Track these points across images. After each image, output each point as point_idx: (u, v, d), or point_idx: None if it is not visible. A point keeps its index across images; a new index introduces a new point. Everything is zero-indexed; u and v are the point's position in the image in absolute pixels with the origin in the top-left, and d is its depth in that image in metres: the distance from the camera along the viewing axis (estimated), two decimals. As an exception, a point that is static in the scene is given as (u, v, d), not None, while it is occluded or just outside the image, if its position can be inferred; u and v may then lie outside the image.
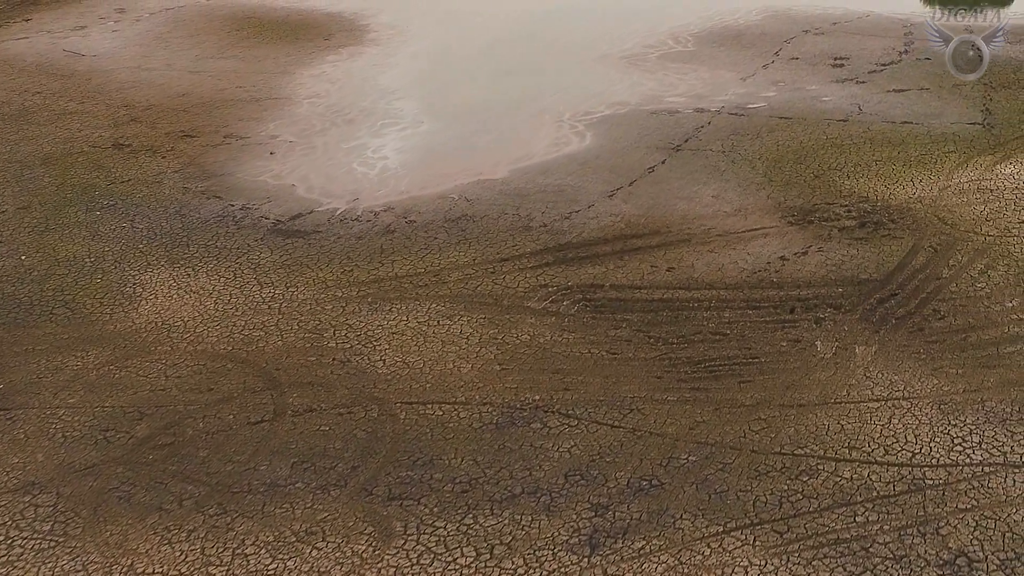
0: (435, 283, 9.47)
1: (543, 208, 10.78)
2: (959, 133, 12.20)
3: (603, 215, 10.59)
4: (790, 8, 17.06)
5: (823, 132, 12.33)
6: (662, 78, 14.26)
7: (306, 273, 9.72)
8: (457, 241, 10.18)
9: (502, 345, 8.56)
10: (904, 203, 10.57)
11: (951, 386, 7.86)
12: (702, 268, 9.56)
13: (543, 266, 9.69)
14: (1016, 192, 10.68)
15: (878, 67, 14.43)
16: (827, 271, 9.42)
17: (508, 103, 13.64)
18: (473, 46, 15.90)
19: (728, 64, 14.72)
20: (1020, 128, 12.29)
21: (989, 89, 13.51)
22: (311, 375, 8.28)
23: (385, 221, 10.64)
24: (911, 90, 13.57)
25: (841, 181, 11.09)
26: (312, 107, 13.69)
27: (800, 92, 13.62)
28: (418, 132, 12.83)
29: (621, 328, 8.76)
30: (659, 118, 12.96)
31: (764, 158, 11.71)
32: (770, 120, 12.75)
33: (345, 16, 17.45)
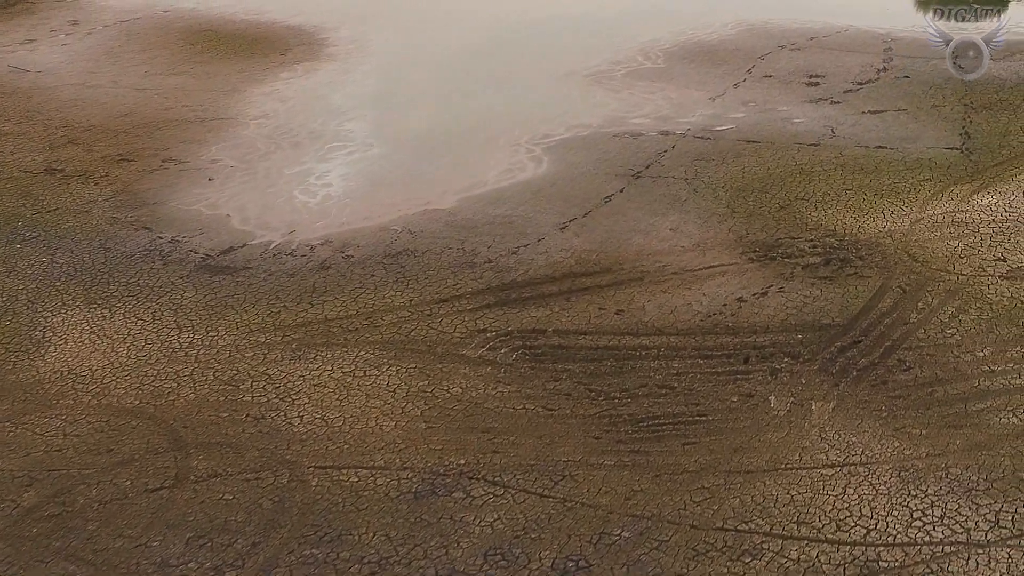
0: (366, 327, 8.82)
1: (490, 242, 10.12)
2: (935, 159, 11.55)
3: (553, 250, 9.94)
4: (767, 22, 16.40)
5: (792, 158, 11.68)
6: (627, 97, 13.61)
7: (229, 315, 9.07)
8: (395, 279, 9.53)
9: (431, 400, 7.91)
10: (874, 237, 9.92)
11: (913, 449, 7.21)
12: (653, 311, 8.91)
13: (483, 308, 9.04)
14: (992, 226, 10.03)
15: (855, 86, 13.78)
16: (787, 315, 8.77)
17: (464, 125, 12.99)
18: (434, 62, 15.24)
19: (698, 82, 14.07)
20: (1000, 153, 11.64)
21: (969, 110, 12.86)
22: (221, 434, 7.63)
23: (321, 256, 9.98)
24: (888, 111, 12.92)
25: (808, 212, 10.45)
26: (259, 129, 13.03)
27: (771, 113, 12.97)
28: (367, 157, 12.17)
29: (561, 380, 8.10)
30: (621, 141, 12.31)
31: (728, 186, 11.06)
32: (737, 144, 12.10)
33: (305, 30, 16.80)
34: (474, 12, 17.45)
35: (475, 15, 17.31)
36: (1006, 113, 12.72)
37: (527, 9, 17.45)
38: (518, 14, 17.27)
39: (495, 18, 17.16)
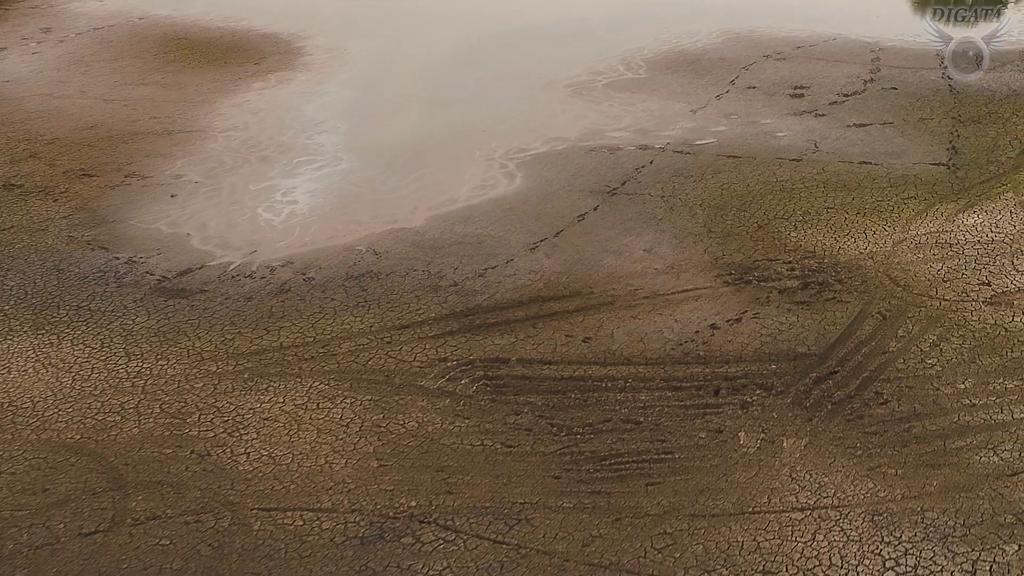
0: (323, 355, 8.46)
1: (457, 263, 9.76)
2: (921, 175, 11.19)
3: (521, 272, 9.58)
4: (753, 31, 16.04)
5: (773, 174, 11.32)
6: (607, 109, 13.25)
7: (182, 342, 8.70)
8: (356, 303, 9.17)
9: (385, 435, 7.55)
10: (854, 259, 9.56)
11: (888, 491, 6.85)
12: (622, 338, 8.55)
13: (446, 335, 8.68)
14: (977, 248, 9.67)
15: (840, 98, 13.41)
16: (761, 343, 8.41)
17: (439, 138, 12.63)
18: (412, 72, 14.88)
19: (680, 94, 13.71)
20: (987, 170, 11.28)
21: (957, 123, 12.50)
22: (163, 472, 7.26)
23: (281, 278, 9.62)
24: (873, 124, 12.56)
25: (787, 232, 10.08)
26: (227, 142, 12.67)
27: (753, 126, 12.60)
28: (335, 172, 11.81)
29: (522, 414, 7.74)
30: (598, 156, 11.95)
31: (706, 204, 10.70)
32: (717, 159, 11.74)
33: (282, 38, 16.44)
34: (455, 20, 17.09)
35: (456, 23, 16.95)
36: (995, 126, 12.36)
37: (509, 17, 17.10)
38: (500, 22, 16.92)
39: (476, 26, 16.79)
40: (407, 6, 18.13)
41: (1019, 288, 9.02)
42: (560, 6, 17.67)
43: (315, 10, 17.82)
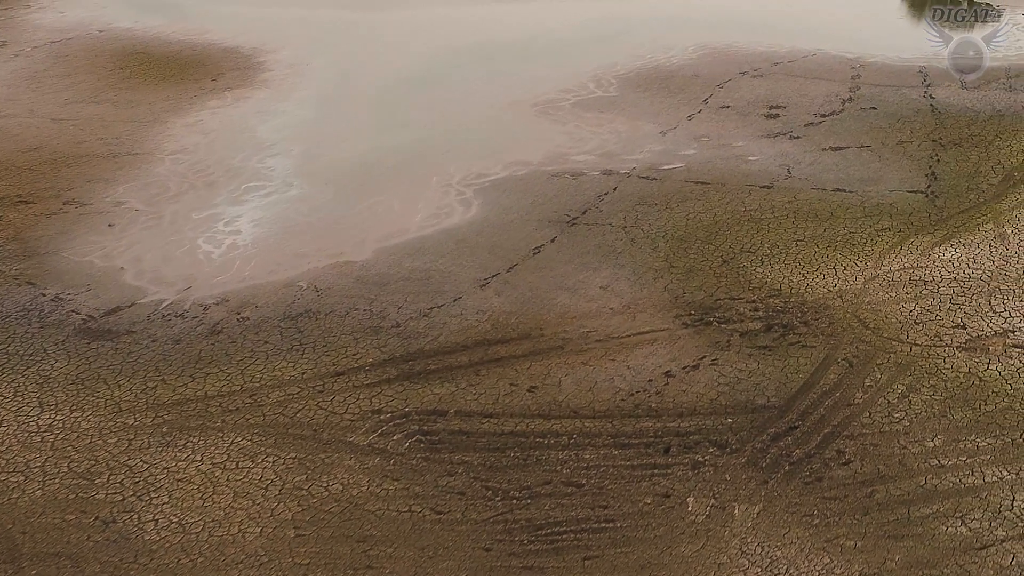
0: (249, 407, 7.90)
1: (402, 301, 9.20)
2: (897, 204, 10.63)
3: (469, 312, 9.02)
4: (730, 46, 15.49)
5: (742, 202, 10.76)
6: (573, 131, 12.69)
7: (100, 391, 8.14)
8: (290, 347, 8.61)
9: (306, 499, 6.99)
10: (822, 299, 9.00)
11: (845, 567, 6.29)
12: (570, 387, 7.99)
13: (383, 383, 8.12)
14: (953, 285, 9.11)
15: (817, 118, 12.85)
16: (718, 393, 7.85)
17: (395, 161, 12.06)
18: (375, 89, 14.33)
19: (650, 113, 13.15)
20: (967, 198, 10.72)
21: (937, 147, 11.94)
22: (62, 542, 6.70)
23: (214, 318, 9.06)
24: (850, 148, 12.00)
25: (752, 268, 9.52)
26: (174, 165, 12.11)
27: (724, 150, 12.05)
28: (284, 199, 11.25)
29: (456, 475, 7.18)
30: (560, 182, 11.39)
31: (669, 236, 10.14)
32: (684, 186, 11.18)
33: (243, 52, 15.88)
34: (426, 33, 16.55)
35: (427, 36, 16.41)
36: (977, 150, 11.80)
37: (482, 30, 16.58)
38: (472, 35, 16.38)
39: (447, 40, 16.25)
40: (378, 18, 17.61)
41: (995, 331, 8.46)
42: (536, 20, 17.16)
43: (283, 22, 17.30)
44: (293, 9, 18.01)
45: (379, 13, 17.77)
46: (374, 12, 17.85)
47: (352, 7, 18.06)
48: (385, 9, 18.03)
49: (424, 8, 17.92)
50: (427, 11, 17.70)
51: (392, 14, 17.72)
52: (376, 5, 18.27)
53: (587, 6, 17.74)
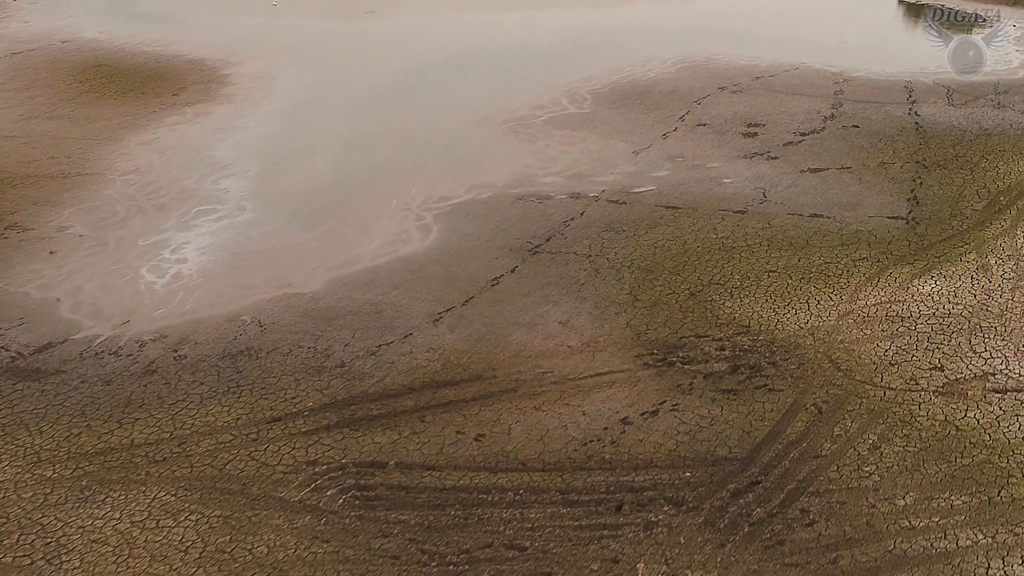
0: (177, 457, 7.39)
1: (349, 337, 8.71)
2: (876, 231, 10.13)
3: (419, 350, 8.52)
4: (710, 59, 15.00)
5: (714, 229, 10.26)
6: (543, 150, 12.20)
7: (21, 438, 7.64)
8: (226, 389, 8.11)
9: (227, 564, 6.48)
10: (792, 336, 8.51)
11: (804, 646, 5.80)
12: (520, 436, 7.49)
13: (321, 430, 7.62)
14: (932, 322, 8.61)
15: (796, 137, 12.36)
16: (676, 443, 7.35)
17: (355, 183, 11.57)
18: (341, 104, 13.84)
19: (624, 131, 12.66)
20: (950, 225, 10.22)
21: (921, 169, 11.44)
22: (-39, 613, 6.21)
23: (149, 356, 8.56)
24: (829, 169, 11.50)
25: (721, 302, 9.03)
26: (125, 187, 11.62)
27: (699, 171, 11.55)
28: (235, 224, 10.75)
29: (391, 536, 6.68)
30: (525, 206, 10.89)
31: (636, 266, 9.64)
32: (655, 211, 10.68)
33: (208, 64, 15.39)
34: (397, 46, 16.05)
35: (397, 49, 15.91)
36: (962, 172, 11.30)
37: (457, 41, 16.09)
38: (446, 47, 15.89)
39: (420, 51, 15.76)
40: (352, 28, 17.14)
41: (975, 374, 7.96)
42: (514, 29, 16.68)
43: (253, 32, 16.82)
44: (265, 19, 17.53)
45: (352, 23, 17.28)
46: (348, 22, 17.37)
47: (325, 16, 17.60)
48: (359, 19, 17.56)
49: (397, 17, 17.44)
50: (400, 21, 17.22)
51: (366, 24, 17.24)
52: (350, 14, 17.79)
53: (568, 15, 17.27)
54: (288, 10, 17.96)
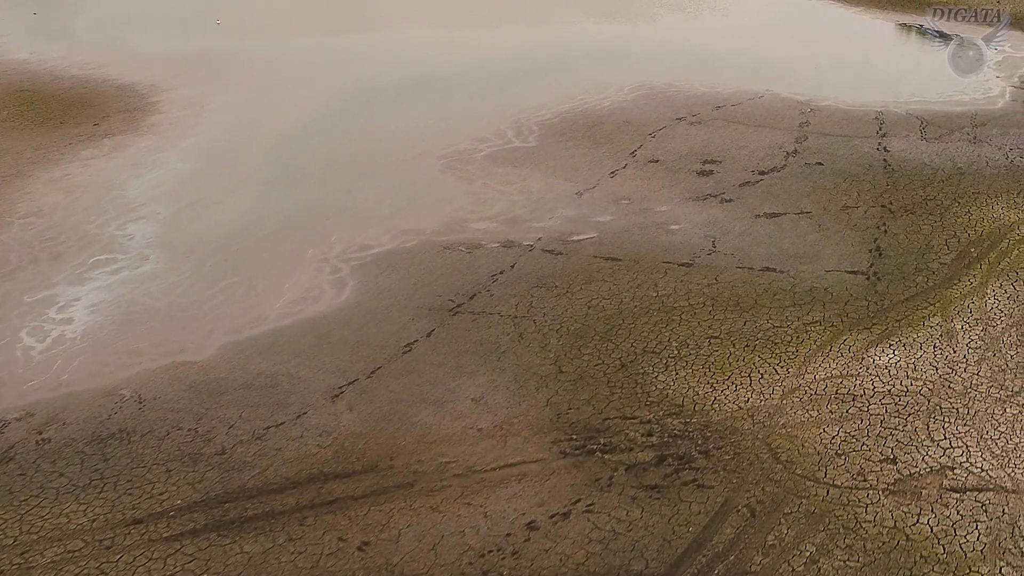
0: (15, 571, 6.46)
1: (236, 418, 7.78)
2: (833, 289, 9.21)
3: (311, 433, 7.60)
4: (671, 85, 14.07)
5: (655, 285, 9.34)
6: (479, 190, 11.27)
7: None
8: (88, 481, 7.18)
9: None
10: (730, 419, 7.58)
11: None
12: (410, 544, 6.57)
13: (186, 536, 6.69)
14: (887, 402, 7.69)
15: (755, 176, 11.43)
16: (587, 554, 6.43)
17: (272, 228, 10.64)
18: (271, 135, 12.90)
19: (569, 168, 11.73)
20: (914, 281, 9.30)
21: (886, 214, 10.52)
22: None
23: (10, 439, 7.64)
24: (787, 214, 10.58)
25: (654, 375, 8.11)
26: (22, 231, 10.69)
27: (645, 216, 10.62)
28: (134, 276, 9.82)
29: (243, 676, 5.75)
30: (453, 256, 9.97)
31: (564, 330, 8.72)
32: (592, 262, 9.76)
33: (138, 90, 14.45)
34: (340, 68, 15.11)
35: (340, 72, 14.97)
36: (931, 219, 10.38)
37: (400, 65, 15.12)
38: (389, 71, 14.94)
39: (364, 74, 14.83)
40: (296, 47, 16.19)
41: (931, 468, 7.04)
42: (466, 50, 15.75)
43: (194, 53, 15.87)
44: (208, 38, 16.59)
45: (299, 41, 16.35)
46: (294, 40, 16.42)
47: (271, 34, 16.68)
48: (306, 37, 16.61)
49: (343, 37, 16.51)
50: (347, 40, 16.28)
51: (312, 41, 16.31)
52: (298, 32, 16.86)
53: (526, 35, 16.35)
54: (233, 29, 17.03)
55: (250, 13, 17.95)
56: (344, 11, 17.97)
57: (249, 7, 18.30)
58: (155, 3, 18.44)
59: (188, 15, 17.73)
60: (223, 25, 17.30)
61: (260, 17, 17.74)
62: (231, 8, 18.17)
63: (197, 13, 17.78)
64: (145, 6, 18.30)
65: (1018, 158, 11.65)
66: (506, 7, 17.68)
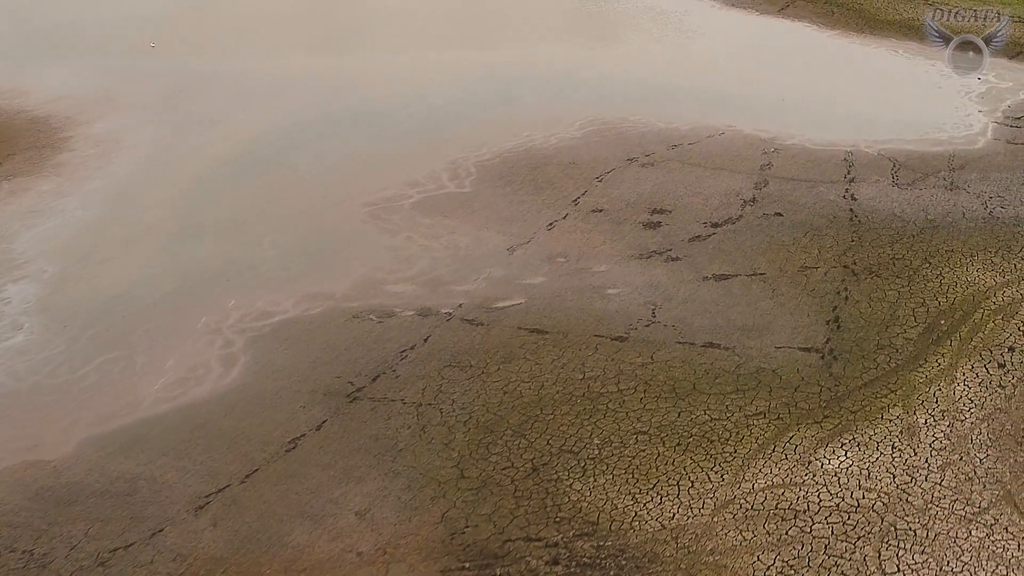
0: None
1: (81, 535, 6.72)
2: (782, 371, 8.14)
3: (163, 558, 6.53)
4: (624, 120, 12.98)
5: (582, 365, 8.27)
6: (402, 245, 10.20)
7: None
8: None
9: None
10: (650, 542, 6.52)
11: None
12: None
13: None
14: (833, 520, 6.62)
15: (706, 229, 10.36)
16: None
17: (166, 290, 9.57)
18: (182, 179, 11.80)
19: (504, 219, 10.66)
20: (874, 361, 8.23)
21: (848, 276, 9.45)
22: None
23: None
24: (738, 276, 9.52)
25: (569, 482, 7.04)
26: None
27: (581, 277, 9.56)
28: (1, 351, 8.74)
29: None
30: (361, 327, 8.90)
31: (473, 422, 7.66)
32: (516, 336, 8.69)
33: (52, 123, 13.37)
34: (274, 97, 13.99)
35: (273, 102, 13.84)
36: (898, 282, 9.30)
37: (338, 94, 13.98)
38: (324, 101, 13.78)
39: (293, 107, 13.65)
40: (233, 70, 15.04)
41: (881, 612, 5.98)
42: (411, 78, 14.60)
43: (121, 79, 14.73)
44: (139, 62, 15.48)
45: (235, 65, 15.20)
46: (230, 64, 15.29)
47: (207, 58, 15.57)
48: (241, 57, 15.50)
49: (283, 61, 15.40)
50: (285, 65, 15.16)
51: (247, 65, 15.16)
52: (235, 54, 15.77)
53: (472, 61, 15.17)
54: (168, 52, 15.93)
55: (190, 34, 16.85)
56: (286, 35, 16.90)
57: (190, 27, 17.19)
58: (88, 22, 17.34)
59: (122, 36, 16.63)
60: (158, 48, 16.20)
61: (200, 39, 16.63)
62: (170, 28, 17.07)
63: (133, 34, 16.68)
64: (76, 25, 17.20)
65: (998, 207, 10.59)
66: (453, 32, 16.61)
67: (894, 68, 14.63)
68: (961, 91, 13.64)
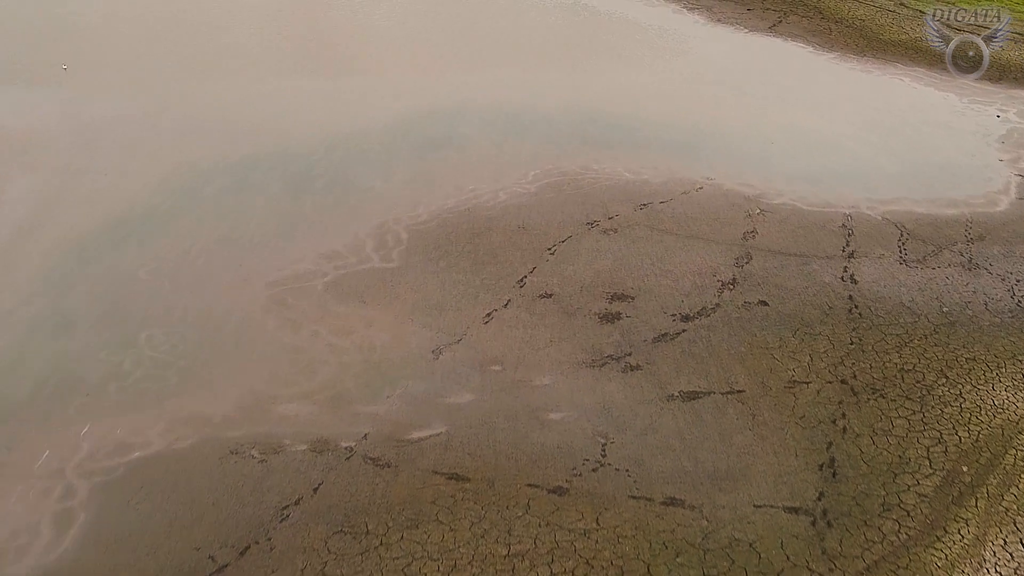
0: None
1: None
2: (760, 543, 6.37)
3: None
4: (586, 169, 11.15)
5: (507, 534, 6.51)
6: (307, 344, 8.41)
7: None
8: None
9: None
10: None
11: None
12: None
13: None
14: None
15: (675, 323, 8.57)
16: None
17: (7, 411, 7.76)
18: (62, 244, 9.99)
19: (433, 306, 8.86)
20: (879, 530, 6.46)
21: (847, 396, 7.66)
22: None
23: None
24: (711, 394, 7.74)
25: None
26: None
27: (518, 394, 7.77)
28: None
29: None
30: (238, 468, 7.12)
31: (359, 626, 5.88)
32: (430, 483, 6.92)
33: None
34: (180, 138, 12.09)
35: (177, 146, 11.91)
36: (908, 406, 7.52)
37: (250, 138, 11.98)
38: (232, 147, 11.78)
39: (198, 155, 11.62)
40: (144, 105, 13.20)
41: None
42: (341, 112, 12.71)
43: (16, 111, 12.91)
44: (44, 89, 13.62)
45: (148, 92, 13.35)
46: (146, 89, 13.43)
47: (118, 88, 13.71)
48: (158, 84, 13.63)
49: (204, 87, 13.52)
50: (205, 95, 13.28)
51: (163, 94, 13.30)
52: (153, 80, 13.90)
53: (414, 93, 13.22)
54: (81, 76, 14.06)
55: (109, 55, 14.97)
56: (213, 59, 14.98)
57: (110, 47, 15.32)
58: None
59: (30, 57, 14.75)
60: (70, 71, 14.34)
61: (119, 59, 14.74)
62: (89, 49, 15.20)
63: (42, 55, 14.81)
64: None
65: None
66: (393, 55, 14.67)
67: (900, 102, 12.81)
68: (978, 132, 11.84)
